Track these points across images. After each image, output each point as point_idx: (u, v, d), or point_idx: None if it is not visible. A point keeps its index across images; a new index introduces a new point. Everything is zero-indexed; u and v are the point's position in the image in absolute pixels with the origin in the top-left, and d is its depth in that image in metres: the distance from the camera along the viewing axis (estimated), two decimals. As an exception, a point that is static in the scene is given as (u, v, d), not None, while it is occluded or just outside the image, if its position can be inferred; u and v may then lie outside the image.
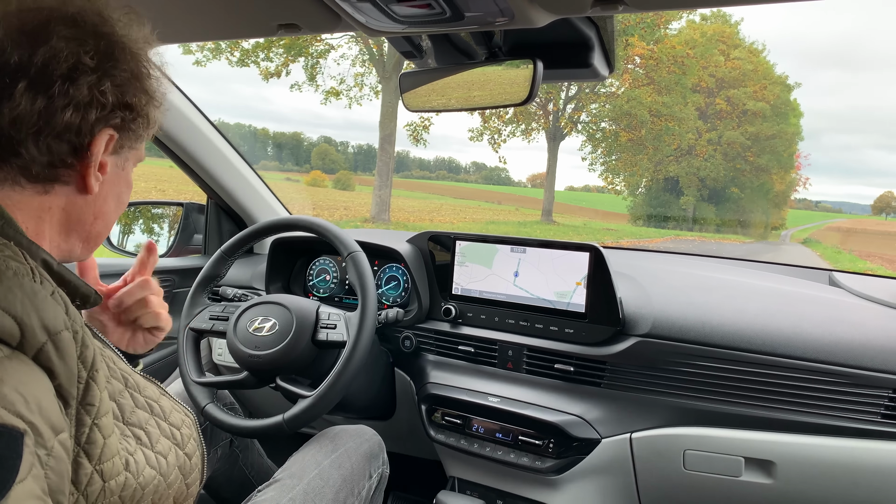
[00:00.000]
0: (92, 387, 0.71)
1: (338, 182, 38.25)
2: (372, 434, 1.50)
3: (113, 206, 0.87)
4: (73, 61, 0.72)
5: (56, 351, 0.64)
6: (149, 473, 0.81)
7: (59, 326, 0.66)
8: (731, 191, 34.42)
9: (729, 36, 33.10)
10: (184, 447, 0.92)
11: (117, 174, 0.85)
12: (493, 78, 1.26)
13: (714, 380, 1.42)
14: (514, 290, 1.65)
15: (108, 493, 0.73)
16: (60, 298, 0.69)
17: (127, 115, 0.79)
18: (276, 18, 1.20)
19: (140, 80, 0.80)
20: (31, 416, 0.59)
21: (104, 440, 0.72)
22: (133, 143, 0.85)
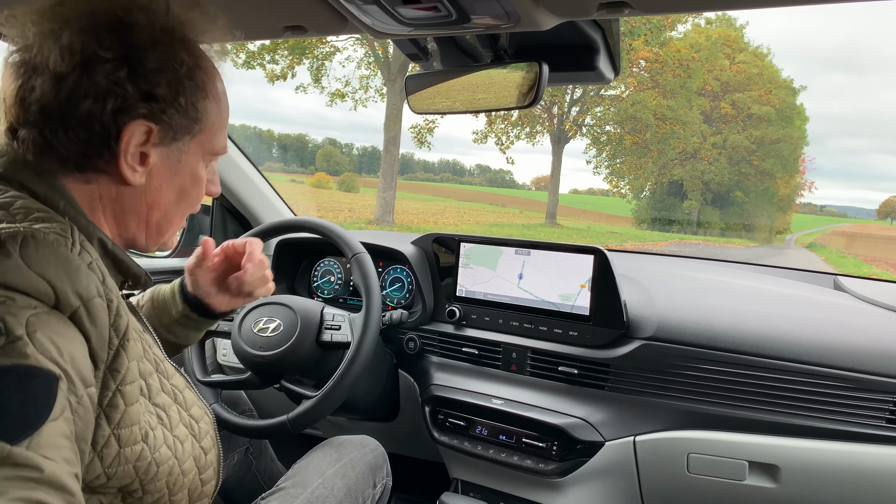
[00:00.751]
0: (121, 354, 0.77)
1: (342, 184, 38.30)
2: (376, 445, 1.49)
3: (173, 197, 0.89)
4: (88, 53, 0.74)
5: (88, 315, 0.70)
6: (165, 452, 0.84)
7: (92, 294, 0.72)
8: (736, 195, 34.36)
9: (734, 40, 33.07)
10: (200, 440, 0.94)
11: (171, 166, 0.86)
12: (498, 80, 1.27)
13: (718, 383, 1.42)
14: (518, 292, 1.66)
15: (123, 460, 0.77)
16: (98, 269, 0.75)
17: (155, 105, 0.79)
18: (283, 20, 1.20)
19: (170, 72, 0.80)
20: (65, 364, 0.65)
21: (125, 407, 0.77)
22: (181, 135, 0.85)
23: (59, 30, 0.75)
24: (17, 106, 0.77)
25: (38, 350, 0.63)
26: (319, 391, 1.41)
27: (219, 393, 1.55)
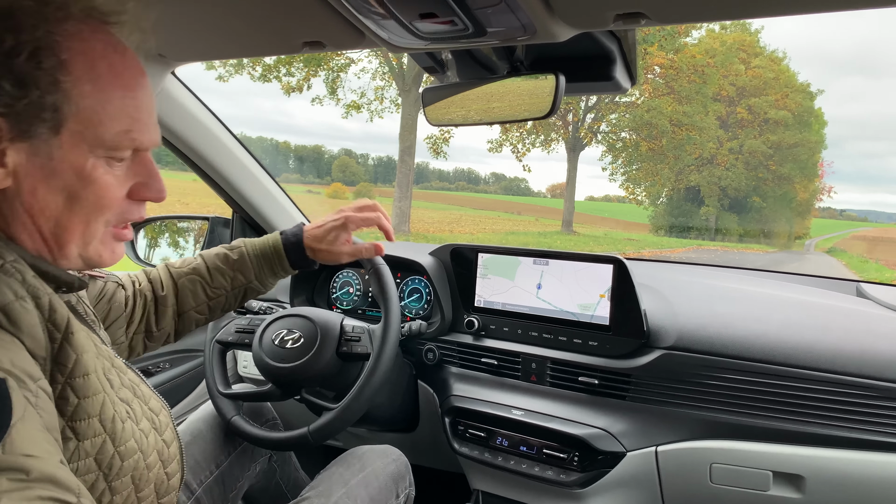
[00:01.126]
0: (65, 347, 0.74)
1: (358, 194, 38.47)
2: (399, 455, 1.50)
3: (60, 202, 0.77)
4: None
5: (9, 320, 0.68)
6: (131, 446, 0.82)
7: (7, 298, 0.69)
8: (754, 200, 34.06)
9: (749, 44, 32.88)
10: (162, 433, 0.93)
11: (43, 164, 0.74)
12: (514, 92, 1.27)
13: (740, 392, 1.41)
14: (537, 302, 1.65)
15: (83, 454, 0.76)
16: (16, 270, 0.73)
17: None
18: (301, 36, 1.22)
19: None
20: (6, 366, 0.64)
21: (78, 400, 0.75)
22: (36, 127, 0.73)
23: None
24: None
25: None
26: (340, 403, 1.42)
27: (240, 405, 1.56)
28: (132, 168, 0.84)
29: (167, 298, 1.26)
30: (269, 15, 1.16)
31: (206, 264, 1.30)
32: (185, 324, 1.29)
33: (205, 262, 1.30)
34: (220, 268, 1.29)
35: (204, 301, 1.29)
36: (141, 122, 0.82)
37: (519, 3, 0.95)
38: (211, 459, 1.47)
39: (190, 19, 1.25)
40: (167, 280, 1.28)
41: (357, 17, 1.07)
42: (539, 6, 0.96)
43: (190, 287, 1.28)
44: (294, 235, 1.34)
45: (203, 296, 1.28)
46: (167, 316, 1.26)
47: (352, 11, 1.05)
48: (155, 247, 2.36)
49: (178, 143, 1.77)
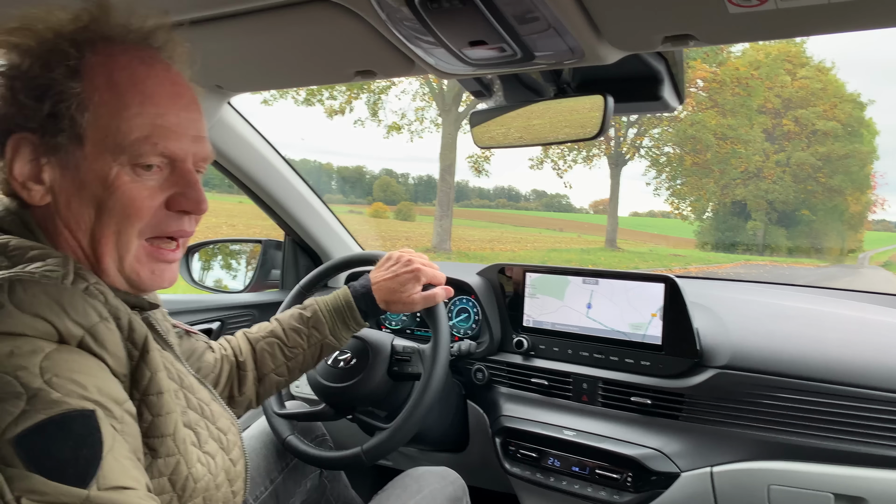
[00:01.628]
0: (141, 366, 0.77)
1: (399, 213, 38.73)
2: (456, 477, 1.50)
3: (91, 213, 0.79)
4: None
5: (95, 341, 0.71)
6: (200, 469, 0.84)
7: (93, 320, 0.71)
8: (803, 213, 33.15)
9: (795, 55, 32.19)
10: (229, 452, 0.94)
11: (72, 178, 0.78)
12: (562, 114, 1.28)
13: (798, 412, 1.38)
14: (587, 321, 1.65)
15: (157, 472, 0.77)
16: (99, 291, 0.76)
17: (18, 114, 0.76)
18: (354, 66, 1.26)
19: (19, 80, 0.76)
20: (93, 395, 0.66)
21: (152, 417, 0.77)
22: (63, 141, 0.77)
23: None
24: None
25: (63, 394, 0.63)
26: (392, 423, 1.43)
27: (294, 424, 1.59)
28: (169, 179, 0.84)
29: (246, 363, 1.27)
30: (322, 46, 1.20)
31: (282, 326, 1.31)
32: (265, 387, 1.30)
33: (280, 324, 1.32)
34: (295, 327, 1.31)
35: (283, 362, 1.29)
36: (166, 129, 0.81)
37: (567, 28, 0.97)
38: (265, 475, 1.50)
39: (246, 52, 1.30)
40: (245, 346, 1.30)
41: (407, 46, 1.10)
42: (587, 30, 0.98)
43: (268, 350, 1.29)
44: (363, 287, 1.35)
45: (281, 357, 1.29)
46: (248, 381, 1.27)
47: (402, 41, 1.08)
48: (208, 269, 2.43)
49: (233, 169, 1.84)
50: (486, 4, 0.91)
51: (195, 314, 1.95)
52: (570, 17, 0.94)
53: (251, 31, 1.17)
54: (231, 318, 2.04)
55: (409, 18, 0.99)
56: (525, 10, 0.93)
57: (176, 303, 1.95)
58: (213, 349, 1.24)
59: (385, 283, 1.36)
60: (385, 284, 1.35)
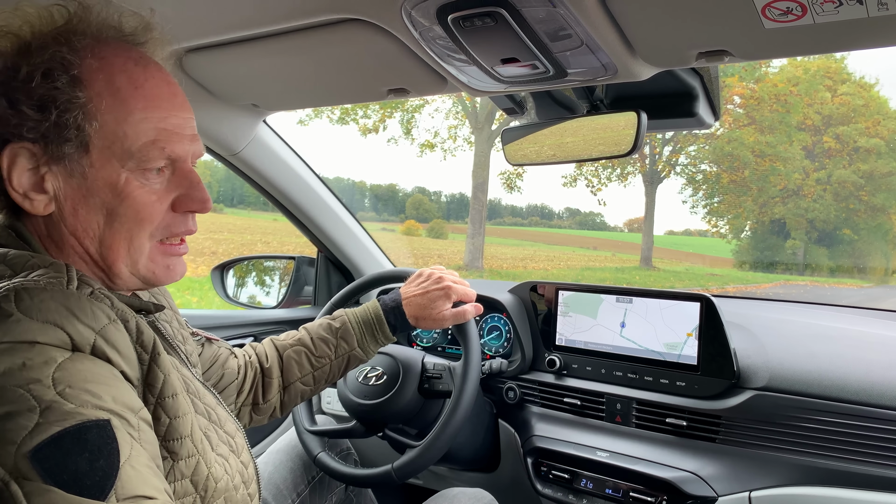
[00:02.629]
0: (154, 368, 0.76)
1: (431, 230, 38.83)
2: (491, 499, 1.48)
3: (100, 220, 0.79)
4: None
5: (107, 343, 0.70)
6: (218, 469, 0.83)
7: (103, 321, 0.71)
8: (844, 233, 32.31)
9: (835, 71, 31.60)
10: (239, 455, 0.94)
11: (79, 184, 0.78)
12: (595, 130, 1.28)
13: (840, 436, 1.33)
14: (620, 341, 1.63)
15: (179, 474, 0.77)
16: (104, 295, 0.75)
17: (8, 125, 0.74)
18: (387, 84, 1.27)
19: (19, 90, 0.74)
20: (108, 405, 0.65)
21: (170, 420, 0.77)
22: (68, 149, 0.76)
23: None
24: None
25: (77, 405, 0.62)
26: (423, 440, 1.43)
27: (325, 441, 1.59)
28: (172, 180, 0.84)
29: (272, 370, 1.28)
30: (355, 64, 1.22)
31: (310, 335, 1.32)
32: (290, 396, 1.30)
33: (308, 333, 1.33)
34: (323, 337, 1.31)
35: (309, 371, 1.29)
36: (169, 132, 0.81)
37: (600, 45, 0.97)
38: (292, 488, 1.51)
39: (281, 72, 1.33)
40: (272, 352, 1.30)
41: (440, 65, 1.11)
42: (620, 47, 0.97)
43: (295, 358, 1.29)
44: (393, 301, 1.35)
45: (308, 366, 1.29)
46: (273, 388, 1.28)
47: (435, 59, 1.09)
48: (243, 286, 2.46)
49: (267, 186, 1.87)
50: (518, 23, 0.92)
51: (228, 329, 1.97)
52: (603, 34, 0.94)
53: (287, 51, 1.20)
54: (264, 333, 2.06)
55: (442, 37, 1.00)
56: (557, 28, 0.93)
57: (208, 318, 1.98)
58: (237, 355, 1.25)
59: (415, 298, 1.35)
60: (415, 300, 1.35)
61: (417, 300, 1.35)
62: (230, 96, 1.51)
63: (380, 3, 0.97)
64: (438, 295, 1.36)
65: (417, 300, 1.35)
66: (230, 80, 1.41)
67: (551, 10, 0.88)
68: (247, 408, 1.27)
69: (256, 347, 1.32)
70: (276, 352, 1.31)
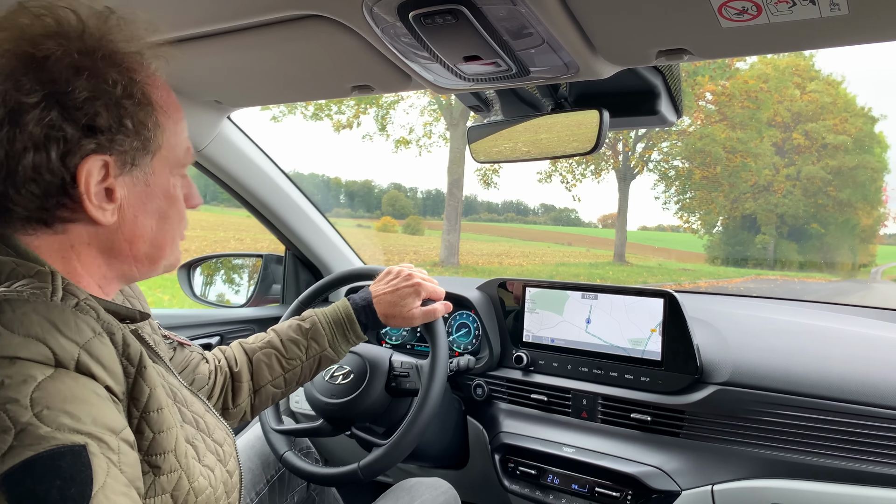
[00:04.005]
0: (139, 382, 0.75)
1: (407, 227, 38.76)
2: (448, 487, 1.49)
3: (154, 223, 0.84)
4: (11, 103, 0.70)
5: (91, 357, 0.68)
6: (202, 482, 0.82)
7: (87, 335, 0.69)
8: (813, 227, 32.98)
9: (804, 69, 32.17)
10: (226, 464, 0.93)
11: (141, 193, 0.82)
12: (559, 128, 1.28)
13: (800, 430, 1.36)
14: (586, 337, 1.64)
15: (160, 489, 0.75)
16: (90, 307, 0.74)
17: (101, 137, 0.75)
18: (351, 80, 1.26)
19: (104, 97, 0.74)
20: (87, 427, 0.63)
21: (153, 434, 0.75)
22: (140, 158, 0.80)
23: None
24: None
25: (52, 428, 0.60)
26: (390, 439, 1.42)
27: (292, 440, 1.58)
28: (181, 182, 0.91)
29: (241, 374, 1.25)
30: (318, 61, 1.21)
31: (280, 337, 1.30)
32: (261, 399, 1.28)
33: (278, 335, 1.30)
34: (293, 338, 1.29)
35: (280, 374, 1.27)
36: (188, 139, 0.91)
37: (561, 43, 0.97)
38: (251, 487, 1.50)
39: (244, 68, 1.31)
40: (241, 356, 1.28)
41: (404, 62, 1.10)
42: (581, 45, 0.98)
43: (265, 361, 1.27)
44: (363, 300, 1.34)
45: (279, 368, 1.27)
46: (243, 392, 1.25)
47: (399, 56, 1.08)
48: (211, 284, 2.43)
49: (232, 183, 1.84)
50: (479, 20, 0.92)
51: (194, 329, 1.95)
52: (564, 33, 0.94)
53: (248, 46, 1.18)
54: (231, 332, 2.04)
55: (405, 34, 0.99)
56: (518, 26, 0.93)
57: (174, 317, 1.95)
58: (208, 360, 1.23)
59: (385, 296, 1.35)
60: (385, 298, 1.35)
61: (387, 298, 1.35)
62: (192, 93, 1.48)
63: (341, 0, 0.96)
64: (408, 292, 1.35)
65: (387, 298, 1.35)
66: (191, 76, 1.39)
67: (512, 8, 0.88)
68: (217, 411, 1.25)
69: (225, 351, 1.30)
70: (245, 355, 1.28)
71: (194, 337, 1.92)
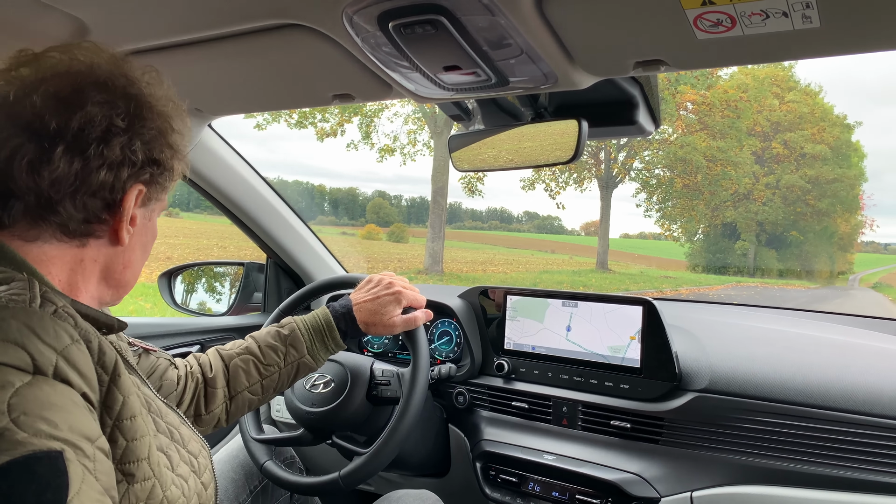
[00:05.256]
0: (113, 390, 0.75)
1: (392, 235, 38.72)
2: (436, 499, 1.48)
3: (139, 255, 0.91)
4: (106, 124, 0.78)
5: (68, 364, 0.68)
6: (175, 492, 0.82)
7: (65, 341, 0.70)
8: (792, 235, 33.42)
9: (783, 79, 32.64)
10: (200, 476, 0.92)
11: (144, 225, 0.90)
12: (539, 138, 1.29)
13: (778, 436, 1.37)
14: (566, 344, 1.65)
15: (133, 498, 0.75)
16: (68, 314, 0.75)
17: (155, 170, 0.85)
18: (331, 89, 1.27)
19: (165, 136, 0.86)
20: (63, 434, 0.63)
21: (127, 443, 0.75)
22: (159, 194, 0.89)
23: (75, 99, 0.77)
24: (26, 174, 0.75)
25: (29, 434, 0.60)
26: (371, 447, 1.42)
27: (272, 449, 1.57)
28: None
29: (216, 380, 1.23)
30: (299, 70, 1.21)
31: (258, 343, 1.28)
32: (237, 406, 1.26)
33: (256, 341, 1.29)
34: (271, 344, 1.28)
35: (257, 380, 1.26)
36: None
37: (540, 54, 0.98)
38: (234, 498, 1.48)
39: (224, 76, 1.31)
40: (217, 362, 1.26)
41: (384, 70, 1.11)
42: (560, 56, 0.99)
43: (242, 367, 1.25)
44: (343, 307, 1.34)
45: (256, 375, 1.26)
46: (217, 398, 1.23)
47: (379, 66, 1.09)
48: (192, 292, 2.41)
49: (213, 192, 1.84)
50: (458, 30, 0.92)
51: (174, 338, 1.93)
52: (543, 44, 0.95)
53: (229, 55, 1.18)
54: (211, 341, 2.02)
55: (385, 43, 1.00)
56: (497, 37, 0.94)
57: (154, 326, 1.93)
58: (177, 366, 1.22)
59: (366, 304, 1.34)
60: (366, 306, 1.34)
61: (368, 306, 1.34)
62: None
63: (321, 10, 0.96)
64: (389, 300, 1.35)
65: (368, 306, 1.34)
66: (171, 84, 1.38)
67: (491, 18, 0.89)
68: (188, 418, 1.23)
69: (200, 357, 1.28)
70: (222, 361, 1.27)
71: (173, 345, 1.90)
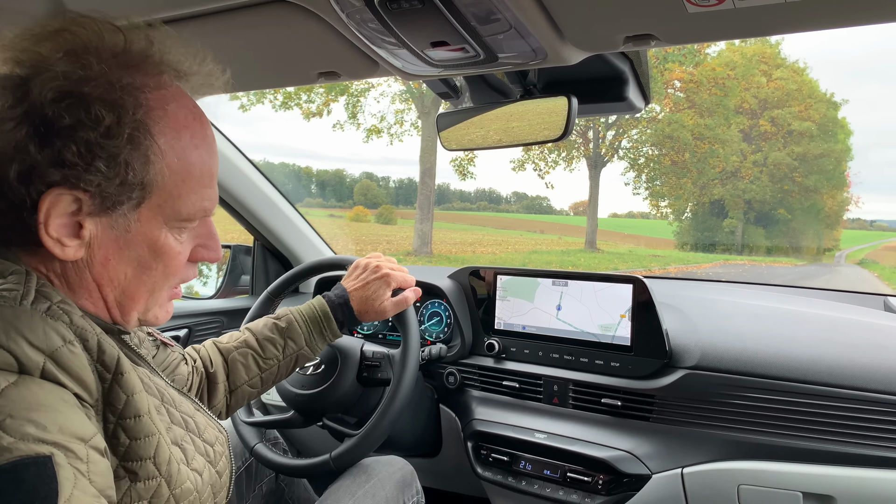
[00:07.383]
0: (115, 388, 0.72)
1: (380, 216, 38.64)
2: (404, 463, 1.49)
3: (130, 272, 0.78)
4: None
5: (58, 367, 0.65)
6: (187, 488, 0.80)
7: (55, 343, 0.66)
8: (780, 212, 33.67)
9: (770, 56, 32.67)
10: (216, 465, 0.90)
11: (118, 237, 0.76)
12: (528, 115, 1.28)
13: (767, 412, 1.38)
14: (557, 323, 1.65)
15: (136, 496, 0.73)
16: (62, 311, 0.71)
17: (68, 172, 0.69)
18: (316, 67, 1.24)
19: (82, 131, 0.69)
20: (53, 437, 0.60)
21: (129, 441, 0.73)
22: (119, 203, 0.74)
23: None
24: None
25: (16, 438, 0.57)
26: (361, 429, 1.42)
27: (262, 432, 1.56)
28: (195, 231, 0.84)
29: (217, 375, 1.22)
30: (282, 47, 1.18)
31: (256, 336, 1.27)
32: (237, 399, 1.25)
33: (253, 334, 1.27)
34: (270, 337, 1.26)
35: (257, 373, 1.24)
36: (213, 189, 0.83)
37: (529, 29, 0.96)
38: None
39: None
40: (216, 356, 1.24)
41: (370, 47, 1.09)
42: (549, 31, 0.97)
43: (241, 361, 1.24)
44: (339, 297, 1.32)
45: (255, 368, 1.24)
46: (219, 392, 1.22)
47: (365, 42, 1.07)
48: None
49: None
50: (445, 5, 0.90)
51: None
52: (532, 18, 0.93)
53: (210, 32, 1.15)
54: (199, 324, 2.01)
55: (371, 19, 0.98)
56: (485, 11, 0.92)
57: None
58: (188, 362, 1.20)
59: (357, 292, 1.33)
60: (357, 294, 1.33)
61: (359, 294, 1.33)
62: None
63: (305, -15, 0.94)
64: (378, 285, 1.34)
65: (359, 294, 1.33)
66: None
67: (478, -8, 0.87)
68: None
69: (199, 351, 1.26)
70: (221, 355, 1.25)
71: (163, 330, 1.89)
